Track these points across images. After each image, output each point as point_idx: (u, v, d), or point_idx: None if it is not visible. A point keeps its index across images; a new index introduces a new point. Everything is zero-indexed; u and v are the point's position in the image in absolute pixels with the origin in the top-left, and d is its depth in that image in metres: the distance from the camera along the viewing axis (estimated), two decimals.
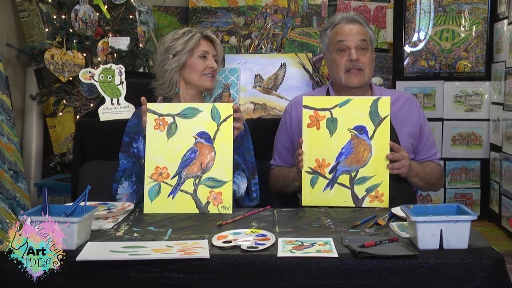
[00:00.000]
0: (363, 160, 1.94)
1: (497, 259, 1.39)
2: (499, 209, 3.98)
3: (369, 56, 2.20)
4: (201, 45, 2.22)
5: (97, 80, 2.59)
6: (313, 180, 1.95)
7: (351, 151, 1.94)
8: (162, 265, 1.39)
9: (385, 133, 1.94)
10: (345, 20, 2.21)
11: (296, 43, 4.81)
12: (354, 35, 2.17)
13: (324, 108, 1.96)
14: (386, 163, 1.93)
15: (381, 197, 1.93)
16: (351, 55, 2.16)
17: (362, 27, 2.21)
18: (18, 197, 3.29)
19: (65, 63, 3.44)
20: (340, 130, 1.94)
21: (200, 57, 2.21)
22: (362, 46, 2.18)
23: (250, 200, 2.13)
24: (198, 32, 2.24)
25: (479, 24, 4.25)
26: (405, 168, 1.99)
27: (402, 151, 1.99)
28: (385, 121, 1.94)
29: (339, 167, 1.94)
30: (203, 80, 2.22)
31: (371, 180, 1.93)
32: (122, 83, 2.61)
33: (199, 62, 2.21)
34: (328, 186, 1.94)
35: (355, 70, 2.17)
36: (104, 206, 1.88)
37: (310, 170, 1.95)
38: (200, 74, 2.20)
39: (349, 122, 1.95)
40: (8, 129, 3.34)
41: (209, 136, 1.93)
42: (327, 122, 1.95)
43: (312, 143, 1.95)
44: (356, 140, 1.94)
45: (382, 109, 1.94)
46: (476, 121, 4.30)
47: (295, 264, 1.39)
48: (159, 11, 4.97)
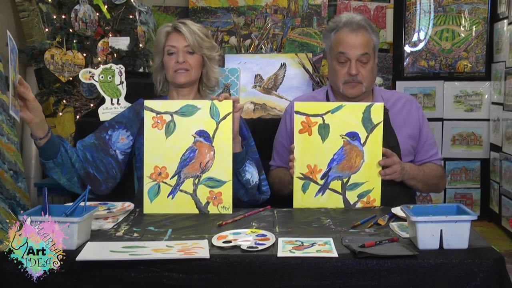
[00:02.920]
0: (355, 166, 1.93)
1: (497, 259, 1.39)
2: (499, 209, 3.98)
3: (370, 68, 2.16)
4: (168, 41, 2.10)
5: (97, 80, 2.59)
6: (304, 186, 1.94)
7: (343, 157, 1.93)
8: (162, 265, 1.39)
9: (377, 140, 1.93)
10: (349, 27, 2.14)
11: (296, 43, 4.81)
12: (355, 49, 2.13)
13: (316, 114, 1.94)
14: (378, 170, 1.93)
15: (372, 203, 1.93)
16: (351, 69, 2.13)
17: (367, 35, 2.15)
18: (18, 197, 3.29)
19: (65, 63, 3.44)
20: (332, 136, 1.93)
21: (169, 54, 2.10)
22: (363, 59, 2.14)
23: (260, 192, 2.10)
24: (169, 26, 2.12)
25: (479, 24, 4.25)
26: (397, 173, 1.99)
27: (393, 157, 1.99)
28: (377, 127, 1.93)
29: (331, 173, 1.94)
30: (175, 78, 2.10)
31: (363, 186, 1.93)
32: (122, 83, 2.61)
33: (168, 60, 2.09)
34: (319, 191, 1.94)
35: (354, 83, 2.15)
36: (104, 206, 1.88)
37: (302, 176, 1.94)
38: (172, 71, 2.09)
39: (341, 128, 1.93)
40: (8, 129, 3.34)
41: (208, 135, 1.92)
42: (319, 128, 1.94)
43: (304, 149, 1.94)
44: (348, 146, 1.93)
45: (375, 116, 1.93)
46: (476, 121, 4.30)
47: (295, 264, 1.39)
48: (159, 11, 4.97)
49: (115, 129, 2.11)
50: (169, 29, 2.11)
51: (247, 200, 2.06)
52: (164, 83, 2.20)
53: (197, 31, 2.09)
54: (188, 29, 2.08)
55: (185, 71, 2.09)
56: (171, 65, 2.09)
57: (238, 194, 2.01)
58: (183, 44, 2.08)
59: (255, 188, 2.06)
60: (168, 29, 2.11)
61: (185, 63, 2.08)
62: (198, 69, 2.13)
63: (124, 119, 2.14)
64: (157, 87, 2.21)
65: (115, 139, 2.09)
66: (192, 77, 2.11)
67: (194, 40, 2.08)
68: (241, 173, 2.00)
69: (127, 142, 2.11)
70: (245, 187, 2.03)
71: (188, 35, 2.07)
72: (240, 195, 2.03)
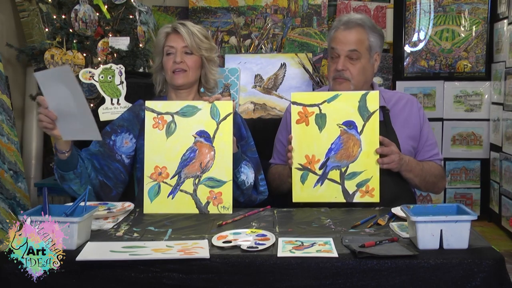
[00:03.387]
0: (353, 155, 1.93)
1: (497, 259, 1.39)
2: (499, 209, 3.98)
3: (360, 67, 2.16)
4: (167, 41, 2.10)
5: (97, 80, 2.59)
6: (303, 177, 1.94)
7: (340, 146, 1.93)
8: (162, 265, 1.39)
9: (374, 128, 1.93)
10: (344, 25, 2.18)
11: (296, 43, 4.81)
12: (345, 44, 2.15)
13: (312, 104, 1.95)
14: (376, 158, 1.93)
15: (371, 192, 1.92)
16: (338, 64, 2.15)
17: (361, 33, 2.16)
18: (18, 197, 3.29)
19: (65, 63, 3.44)
20: (329, 126, 1.94)
21: (167, 55, 2.09)
22: (352, 56, 2.15)
23: (258, 193, 2.10)
24: (168, 27, 2.12)
25: (479, 24, 4.25)
26: (395, 163, 1.99)
27: (391, 146, 1.99)
28: (374, 115, 1.93)
29: (329, 162, 1.94)
30: (173, 79, 2.09)
31: (361, 175, 1.93)
32: (122, 83, 2.61)
33: (166, 60, 2.09)
34: (318, 182, 1.94)
35: (340, 79, 2.16)
36: (104, 206, 1.88)
37: (300, 167, 1.95)
38: (170, 72, 2.09)
39: (338, 117, 1.94)
40: (8, 129, 3.34)
41: (209, 135, 1.92)
42: (316, 118, 1.95)
43: (301, 139, 1.95)
44: (345, 135, 1.93)
45: (371, 104, 1.94)
46: (476, 121, 4.30)
47: (295, 264, 1.39)
48: (159, 11, 4.97)
49: (118, 133, 2.10)
50: (168, 30, 2.11)
51: (243, 201, 2.06)
52: (163, 84, 2.20)
53: (196, 32, 2.09)
54: (187, 30, 2.08)
55: (182, 72, 2.08)
56: (169, 66, 2.09)
57: (234, 195, 2.00)
58: (181, 45, 2.08)
59: (250, 189, 2.07)
60: (167, 30, 2.12)
61: (182, 63, 2.08)
62: (196, 70, 2.12)
63: (125, 122, 2.13)
64: (157, 88, 2.21)
65: (119, 144, 2.08)
66: (189, 78, 2.10)
67: (192, 41, 2.07)
68: (237, 174, 2.00)
69: (131, 145, 2.10)
70: (241, 188, 2.03)
71: (186, 36, 2.07)
72: (236, 196, 2.02)
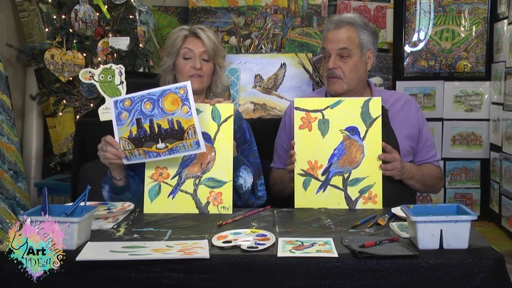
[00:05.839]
0: (355, 161, 1.93)
1: (497, 259, 1.39)
2: (499, 209, 3.98)
3: (352, 65, 2.16)
4: (185, 44, 2.09)
5: (97, 80, 2.58)
6: (305, 183, 1.94)
7: (343, 152, 1.93)
8: (162, 265, 1.39)
9: (377, 134, 1.94)
10: (334, 25, 2.19)
11: (296, 43, 4.81)
12: (335, 43, 2.16)
13: (315, 110, 1.95)
14: (378, 164, 1.93)
15: (374, 198, 1.92)
16: (329, 63, 2.17)
17: (351, 31, 2.17)
18: (18, 197, 3.29)
19: (65, 63, 3.44)
20: (332, 132, 1.94)
21: (184, 58, 2.08)
22: (343, 54, 2.16)
23: (256, 198, 2.11)
24: (186, 30, 2.11)
25: (479, 24, 4.25)
26: (397, 170, 1.99)
27: (394, 153, 1.99)
28: (376, 121, 1.94)
29: (331, 168, 1.94)
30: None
31: (364, 181, 1.93)
32: (122, 83, 2.60)
33: (183, 64, 2.08)
34: (321, 188, 1.93)
35: (333, 78, 2.17)
36: (104, 206, 1.88)
37: (303, 172, 1.94)
38: (186, 76, 2.07)
39: (341, 123, 1.94)
40: (8, 129, 3.34)
41: (210, 136, 1.92)
42: (319, 124, 1.95)
43: (304, 145, 1.95)
44: (348, 141, 1.93)
45: (374, 110, 1.94)
46: (476, 121, 4.30)
47: (295, 264, 1.39)
48: (159, 11, 4.97)
49: None
50: (186, 33, 2.10)
51: (240, 204, 2.06)
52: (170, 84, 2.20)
53: (213, 38, 2.10)
54: (206, 35, 2.09)
55: (199, 78, 2.09)
56: (186, 70, 2.08)
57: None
58: (201, 50, 2.08)
59: (247, 193, 2.07)
60: (185, 32, 2.10)
61: (200, 70, 2.08)
62: (210, 77, 2.14)
63: None
64: None
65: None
66: (204, 84, 2.12)
67: (211, 47, 2.08)
68: (235, 178, 2.00)
69: None
70: (238, 191, 2.04)
71: (207, 41, 2.07)
72: (233, 200, 2.01)
